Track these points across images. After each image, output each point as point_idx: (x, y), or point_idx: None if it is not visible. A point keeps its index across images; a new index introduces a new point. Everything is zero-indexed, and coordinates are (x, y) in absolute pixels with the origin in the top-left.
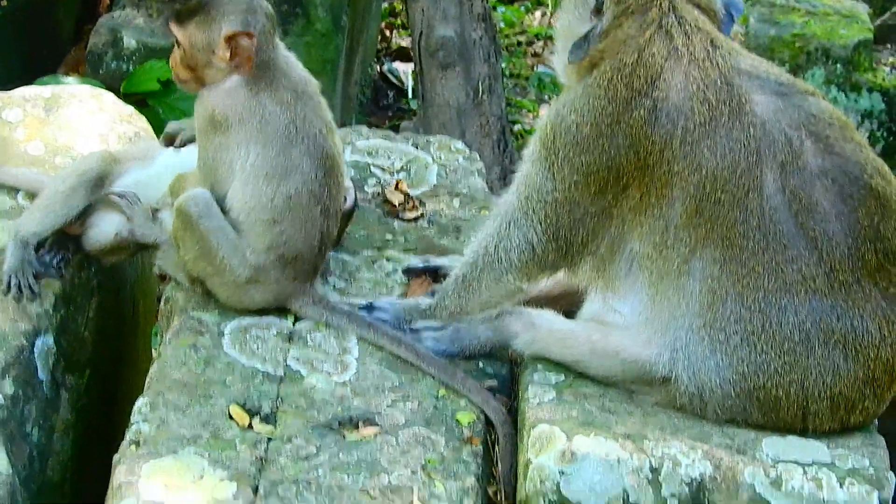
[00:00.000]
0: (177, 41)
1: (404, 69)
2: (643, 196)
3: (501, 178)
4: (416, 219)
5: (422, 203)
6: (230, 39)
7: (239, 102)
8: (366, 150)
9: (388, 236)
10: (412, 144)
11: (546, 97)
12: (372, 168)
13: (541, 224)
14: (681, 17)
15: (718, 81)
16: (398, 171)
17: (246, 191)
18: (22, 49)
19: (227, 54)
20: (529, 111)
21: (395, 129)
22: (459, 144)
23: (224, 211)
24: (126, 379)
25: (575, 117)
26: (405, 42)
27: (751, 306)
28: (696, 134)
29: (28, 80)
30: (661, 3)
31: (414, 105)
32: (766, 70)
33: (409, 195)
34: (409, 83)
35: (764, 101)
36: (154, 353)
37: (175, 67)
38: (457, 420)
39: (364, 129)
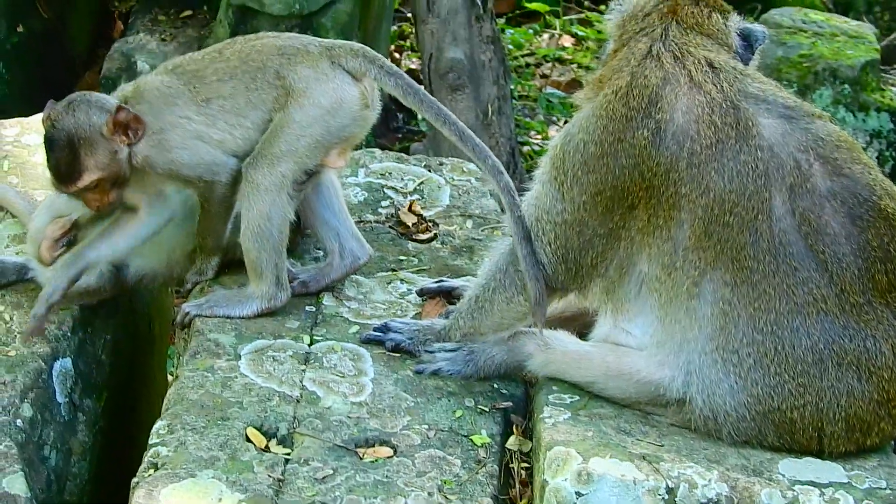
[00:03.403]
0: (86, 189)
1: None
2: (651, 218)
3: None
4: (429, 240)
5: (435, 224)
6: (116, 125)
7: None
8: (379, 172)
9: (402, 257)
10: (425, 166)
11: (554, 118)
12: (385, 190)
13: (550, 245)
14: (672, 43)
15: (724, 104)
16: (411, 193)
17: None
18: (38, 73)
19: (124, 136)
20: (538, 132)
21: (406, 150)
22: (471, 166)
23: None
24: (142, 400)
25: (582, 136)
26: (414, 64)
27: (763, 328)
28: (702, 156)
29: (43, 103)
30: (653, 31)
31: (423, 127)
32: (774, 93)
33: (422, 216)
34: None
35: (771, 125)
36: (170, 376)
37: (102, 204)
38: (472, 441)
39: (377, 151)
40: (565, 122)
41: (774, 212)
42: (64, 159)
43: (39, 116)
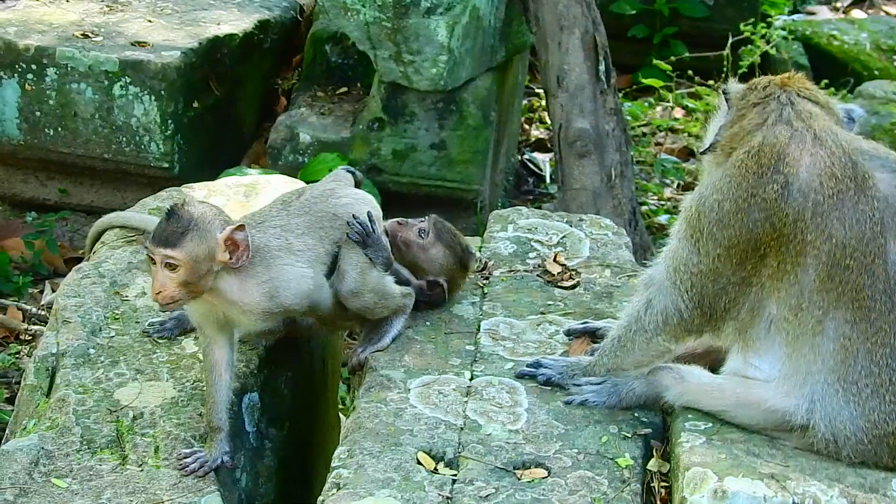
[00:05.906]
0: (166, 263)
1: (542, 158)
2: (780, 264)
3: (633, 252)
4: (573, 286)
5: (577, 273)
6: (230, 240)
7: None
8: (526, 227)
9: (550, 302)
10: (566, 222)
11: (668, 181)
12: (532, 243)
13: (687, 293)
14: (798, 108)
15: (843, 159)
16: (555, 246)
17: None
18: (210, 144)
19: (227, 255)
20: (654, 193)
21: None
22: (607, 222)
23: None
24: (317, 431)
25: (717, 196)
26: (542, 134)
27: (879, 361)
28: (825, 206)
29: (216, 171)
30: (779, 97)
31: (551, 189)
32: (885, 152)
33: (566, 266)
34: (548, 170)
35: (885, 178)
36: (340, 413)
37: (164, 290)
38: (617, 463)
39: (524, 209)
40: (678, 184)
41: (889, 256)
42: (174, 229)
43: (224, 180)
